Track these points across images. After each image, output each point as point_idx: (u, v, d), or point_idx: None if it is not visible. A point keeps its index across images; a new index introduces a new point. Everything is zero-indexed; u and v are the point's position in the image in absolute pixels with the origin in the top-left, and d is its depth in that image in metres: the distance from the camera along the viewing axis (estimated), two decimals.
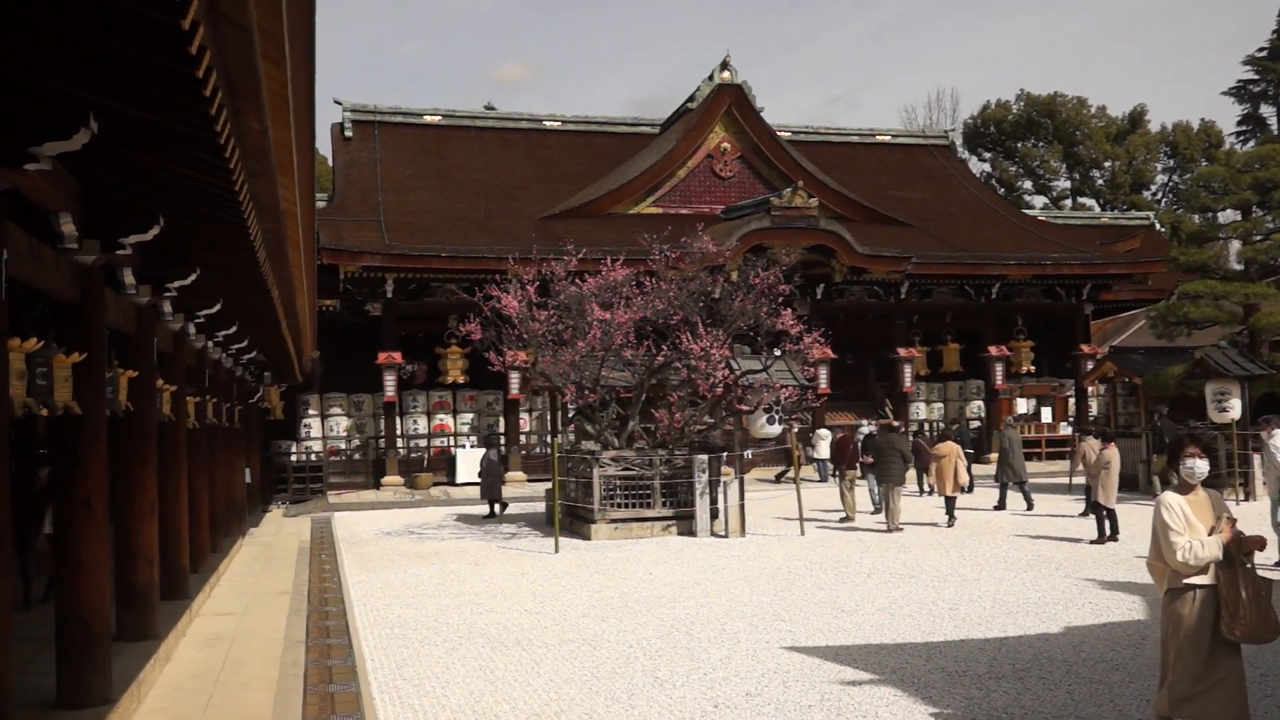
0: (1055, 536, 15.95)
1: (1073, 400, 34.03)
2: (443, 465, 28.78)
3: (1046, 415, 34.04)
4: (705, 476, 17.11)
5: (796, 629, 9.86)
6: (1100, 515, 15.26)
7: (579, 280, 18.84)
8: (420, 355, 30.31)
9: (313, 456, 28.60)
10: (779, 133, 36.29)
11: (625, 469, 17.20)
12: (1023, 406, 34.11)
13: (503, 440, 28.85)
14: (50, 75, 4.81)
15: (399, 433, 29.24)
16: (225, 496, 17.10)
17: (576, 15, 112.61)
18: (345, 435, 29.41)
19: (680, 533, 17.10)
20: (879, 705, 7.25)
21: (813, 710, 7.17)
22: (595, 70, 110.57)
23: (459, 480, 27.86)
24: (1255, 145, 37.79)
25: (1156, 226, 39.74)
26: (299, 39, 4.08)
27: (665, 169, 33.66)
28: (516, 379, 27.63)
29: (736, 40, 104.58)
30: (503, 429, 29.69)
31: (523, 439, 29.83)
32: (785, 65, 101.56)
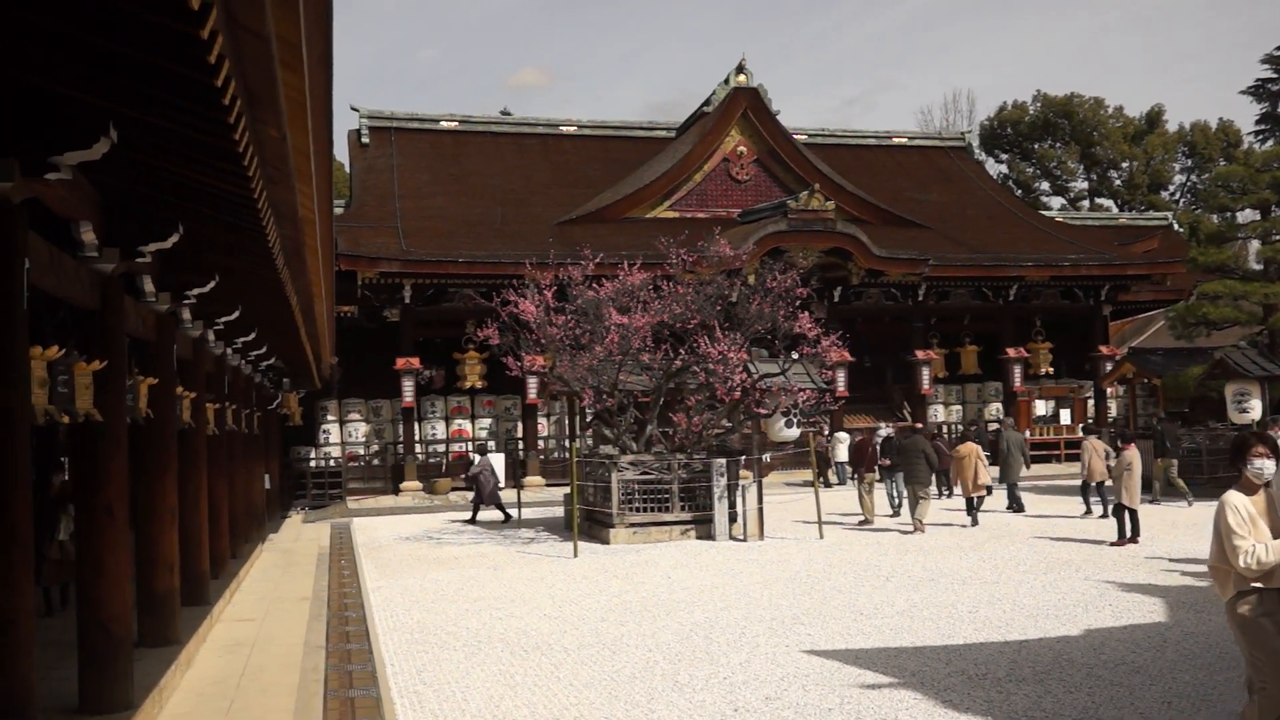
0: (1076, 538, 15.86)
1: (1091, 402, 33.83)
2: (461, 470, 28.80)
3: (1065, 417, 33.82)
4: (724, 480, 17.07)
5: (816, 632, 9.83)
6: (1122, 516, 15.20)
7: (596, 285, 18.84)
8: (438, 360, 30.42)
9: (331, 462, 28.73)
10: (795, 136, 36.30)
11: (643, 473, 17.20)
12: (1041, 408, 33.93)
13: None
14: (70, 85, 4.85)
15: (417, 438, 29.34)
16: (245, 502, 17.18)
17: (592, 20, 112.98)
18: (364, 441, 29.54)
19: (699, 536, 17.07)
20: (899, 708, 7.22)
21: (832, 714, 7.15)
22: (611, 75, 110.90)
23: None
24: (1274, 144, 37.62)
25: (1175, 227, 39.58)
26: (316, 46, 4.11)
27: (681, 173, 33.70)
28: (534, 384, 27.73)
29: (752, 44, 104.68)
30: (521, 434, 29.75)
31: (541, 443, 29.89)
32: (800, 68, 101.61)
